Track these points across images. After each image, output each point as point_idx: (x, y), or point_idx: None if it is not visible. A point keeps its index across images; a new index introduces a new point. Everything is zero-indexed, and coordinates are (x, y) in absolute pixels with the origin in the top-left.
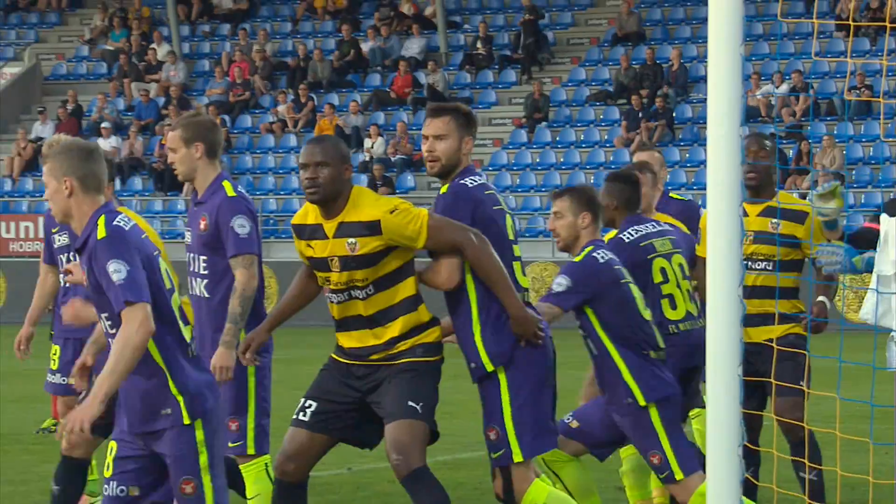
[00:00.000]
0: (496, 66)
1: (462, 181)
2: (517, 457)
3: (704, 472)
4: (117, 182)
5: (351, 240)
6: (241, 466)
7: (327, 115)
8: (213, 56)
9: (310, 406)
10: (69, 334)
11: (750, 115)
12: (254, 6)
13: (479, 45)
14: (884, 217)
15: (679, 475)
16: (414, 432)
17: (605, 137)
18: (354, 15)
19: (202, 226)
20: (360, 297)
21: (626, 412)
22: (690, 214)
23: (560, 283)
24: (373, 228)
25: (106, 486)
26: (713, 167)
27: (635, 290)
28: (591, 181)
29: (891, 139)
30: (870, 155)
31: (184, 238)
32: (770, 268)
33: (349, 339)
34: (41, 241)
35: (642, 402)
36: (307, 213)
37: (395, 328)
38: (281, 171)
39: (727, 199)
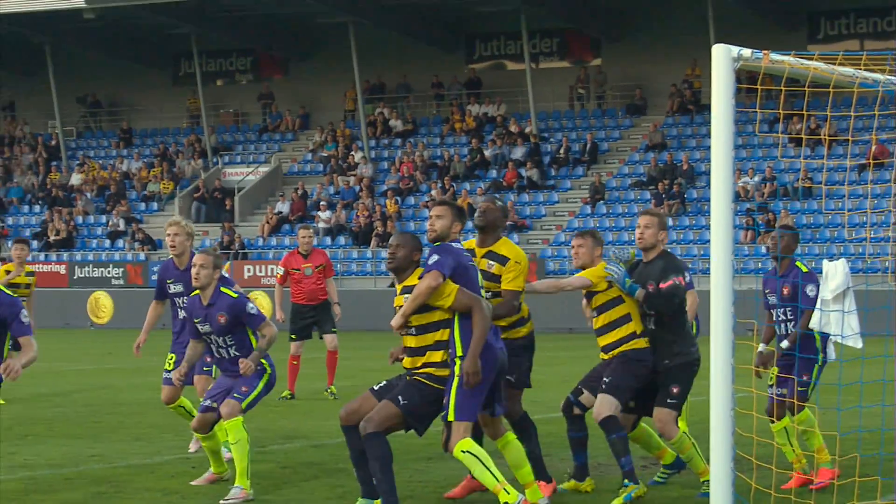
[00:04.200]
0: (571, 164)
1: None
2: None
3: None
4: (327, 240)
5: (407, 296)
6: (230, 421)
7: (462, 197)
8: (390, 159)
9: (381, 382)
10: (179, 349)
11: (735, 196)
12: (416, 127)
13: (560, 151)
14: (825, 262)
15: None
16: (385, 410)
17: (640, 210)
18: (480, 132)
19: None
20: (412, 333)
21: None
22: None
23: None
24: None
25: None
26: (715, 229)
27: None
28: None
29: (829, 211)
30: (811, 221)
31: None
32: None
33: (406, 360)
34: (277, 278)
35: None
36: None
37: (423, 359)
38: None
39: (724, 249)
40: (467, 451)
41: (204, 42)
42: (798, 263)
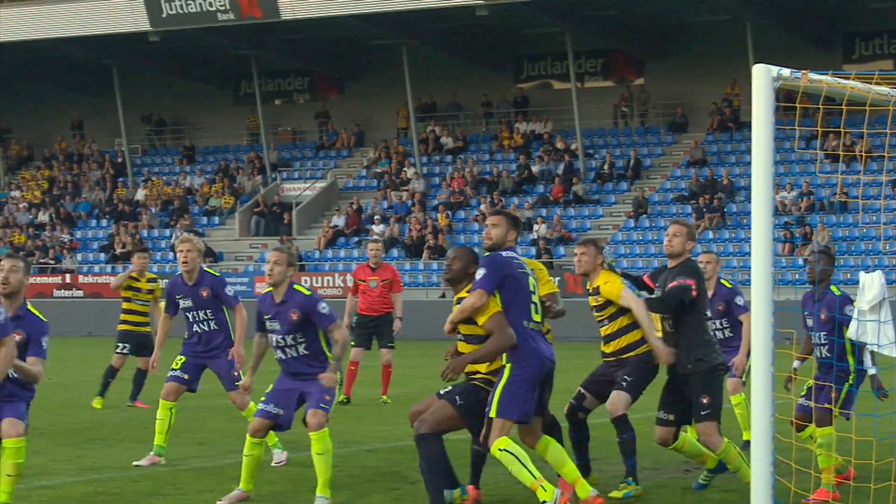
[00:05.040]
0: (615, 180)
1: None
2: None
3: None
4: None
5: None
6: (318, 432)
7: (510, 210)
8: (441, 174)
9: (446, 388)
10: (189, 352)
11: (774, 210)
12: (466, 144)
13: (605, 167)
14: (861, 273)
15: None
16: (441, 411)
17: None
18: (528, 149)
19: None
20: (461, 340)
21: None
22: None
23: None
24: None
25: None
26: (755, 242)
27: None
28: None
29: (864, 225)
30: (847, 235)
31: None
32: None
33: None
34: (350, 289)
35: None
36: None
37: (477, 366)
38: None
39: (764, 261)
40: (504, 450)
41: (263, 63)
42: (832, 287)
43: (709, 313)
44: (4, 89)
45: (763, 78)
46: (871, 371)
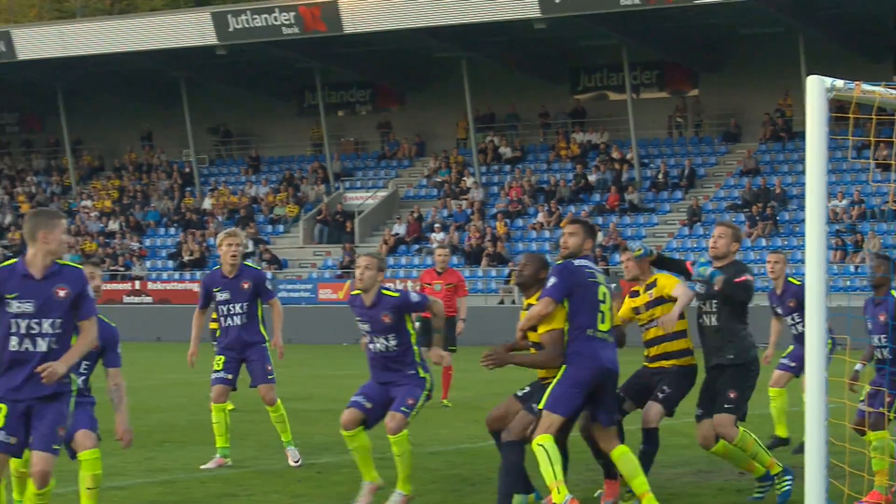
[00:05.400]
0: (670, 188)
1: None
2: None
3: None
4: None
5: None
6: (397, 435)
7: (567, 219)
8: (499, 184)
9: (524, 388)
10: (226, 349)
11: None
12: (524, 154)
13: (660, 176)
14: None
15: None
16: (523, 420)
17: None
18: (584, 158)
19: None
20: (529, 346)
21: None
22: None
23: None
24: None
25: None
26: (809, 249)
27: None
28: None
29: None
30: None
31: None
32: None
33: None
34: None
35: None
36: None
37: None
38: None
39: (818, 267)
40: (541, 445)
41: (327, 76)
42: (893, 291)
43: (780, 310)
44: (77, 102)
45: (817, 89)
46: None
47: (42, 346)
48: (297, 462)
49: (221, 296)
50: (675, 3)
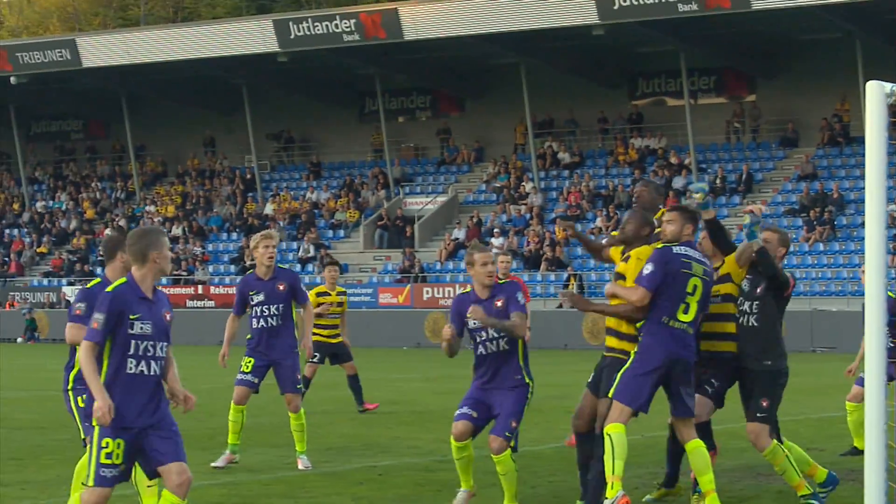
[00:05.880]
0: (728, 193)
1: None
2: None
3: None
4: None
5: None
6: (500, 455)
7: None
8: (558, 189)
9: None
10: (256, 353)
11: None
12: (583, 160)
13: (717, 181)
14: None
15: None
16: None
17: (793, 236)
18: (642, 163)
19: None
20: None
21: None
22: None
23: None
24: None
25: None
26: (869, 253)
27: None
28: None
29: None
30: None
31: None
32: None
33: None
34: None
35: None
36: None
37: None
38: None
39: (878, 273)
40: (610, 435)
41: (387, 82)
42: (889, 293)
43: None
44: (140, 108)
45: (876, 94)
46: None
47: (156, 369)
48: (306, 468)
49: (257, 298)
50: (732, 9)
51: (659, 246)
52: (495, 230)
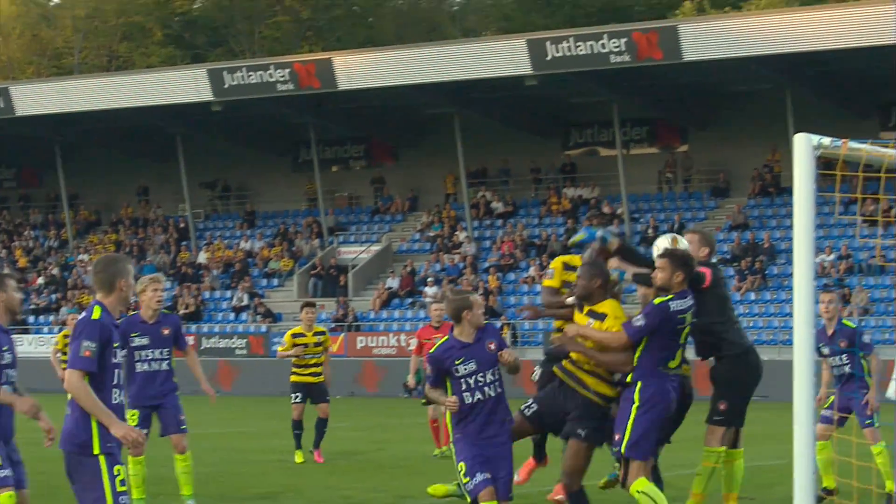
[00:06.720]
0: None
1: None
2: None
3: None
4: None
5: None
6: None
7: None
8: (492, 238)
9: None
10: (138, 402)
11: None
12: (516, 209)
13: (650, 231)
14: None
15: None
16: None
17: None
18: (575, 213)
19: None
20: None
21: None
22: None
23: None
24: None
25: None
26: (797, 303)
27: None
28: None
29: None
30: (885, 296)
31: None
32: None
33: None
34: (414, 349)
35: None
36: None
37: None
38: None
39: (806, 322)
40: (642, 492)
41: (321, 131)
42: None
43: (826, 350)
44: (74, 157)
45: (804, 146)
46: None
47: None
48: None
49: (140, 340)
50: (663, 60)
51: (657, 302)
52: (429, 279)
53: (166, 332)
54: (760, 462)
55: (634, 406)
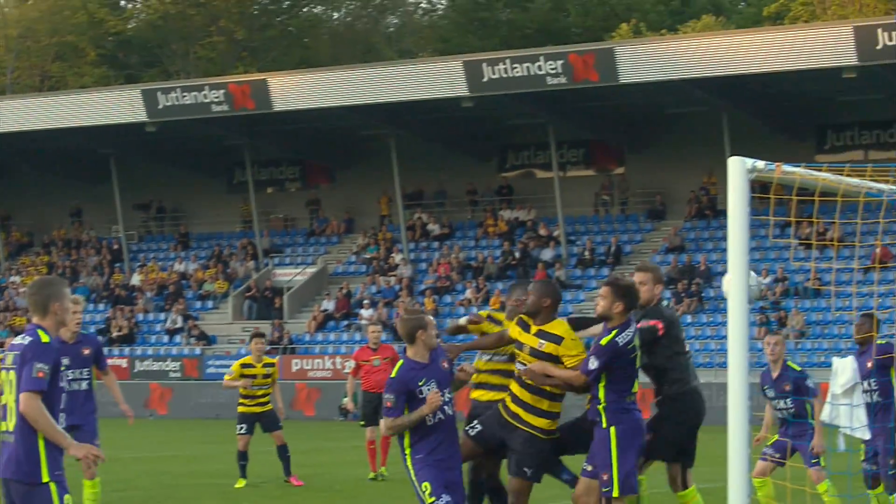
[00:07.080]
0: (596, 265)
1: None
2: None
3: None
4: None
5: (542, 343)
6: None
7: (495, 295)
8: (428, 260)
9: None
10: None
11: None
12: (452, 231)
13: (586, 253)
14: (835, 358)
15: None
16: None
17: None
18: (512, 235)
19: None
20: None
21: None
22: None
23: None
24: None
25: None
26: (732, 326)
27: None
28: None
29: (837, 310)
30: (820, 319)
31: None
32: None
33: None
34: (351, 371)
35: None
36: None
37: None
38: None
39: (740, 345)
40: None
41: (256, 153)
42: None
43: (770, 393)
44: (6, 177)
45: (739, 170)
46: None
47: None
48: None
49: (63, 362)
50: (600, 82)
51: (604, 343)
52: (365, 301)
53: (86, 352)
54: (695, 485)
55: (614, 449)
